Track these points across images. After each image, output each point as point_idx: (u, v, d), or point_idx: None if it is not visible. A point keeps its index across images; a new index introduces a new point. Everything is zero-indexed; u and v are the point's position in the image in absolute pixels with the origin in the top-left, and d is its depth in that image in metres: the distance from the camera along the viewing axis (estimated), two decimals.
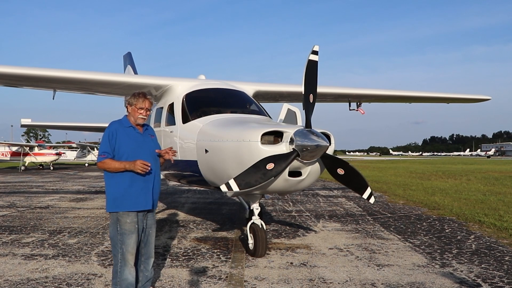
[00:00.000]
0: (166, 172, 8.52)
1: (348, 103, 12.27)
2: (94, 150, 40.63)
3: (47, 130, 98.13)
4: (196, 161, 6.73)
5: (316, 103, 5.86)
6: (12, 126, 71.28)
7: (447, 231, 8.02)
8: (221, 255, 6.15)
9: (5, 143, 34.87)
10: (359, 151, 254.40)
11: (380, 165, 45.56)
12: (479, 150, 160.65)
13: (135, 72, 17.42)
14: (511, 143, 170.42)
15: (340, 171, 5.82)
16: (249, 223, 6.30)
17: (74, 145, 43.98)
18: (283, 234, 7.74)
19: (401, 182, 19.68)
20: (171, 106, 8.19)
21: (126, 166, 3.94)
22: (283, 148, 5.49)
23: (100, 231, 7.84)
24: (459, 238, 7.38)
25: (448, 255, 6.16)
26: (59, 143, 65.50)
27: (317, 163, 5.72)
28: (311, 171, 5.74)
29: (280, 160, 5.36)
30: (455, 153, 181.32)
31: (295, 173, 5.68)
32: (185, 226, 8.49)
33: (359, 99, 12.18)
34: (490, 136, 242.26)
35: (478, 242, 7.05)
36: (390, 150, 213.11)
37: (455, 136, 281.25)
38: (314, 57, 5.82)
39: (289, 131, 5.51)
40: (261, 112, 7.89)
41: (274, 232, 7.91)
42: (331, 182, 19.51)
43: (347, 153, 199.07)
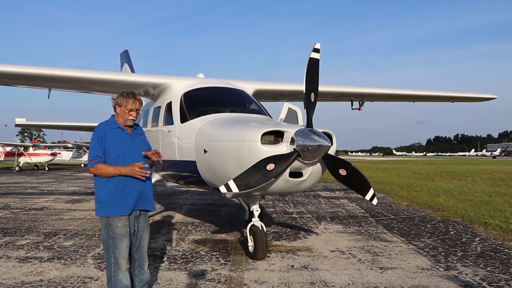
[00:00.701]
0: (164, 173, 8.52)
1: (350, 102, 12.27)
2: None
3: (42, 129, 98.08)
4: (194, 161, 6.73)
5: (317, 102, 5.87)
6: (6, 125, 71.32)
7: (451, 233, 8.02)
8: (220, 258, 6.14)
9: None
10: (362, 151, 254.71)
11: (383, 165, 45.57)
12: (484, 150, 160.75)
13: (132, 71, 17.41)
14: None
15: (342, 172, 5.82)
16: (249, 225, 6.30)
17: (70, 145, 43.95)
18: (283, 236, 7.74)
19: (404, 183, 19.68)
20: (169, 105, 8.19)
21: (122, 171, 3.87)
22: (283, 148, 5.48)
23: (96, 233, 7.84)
24: (464, 240, 7.38)
25: (452, 258, 6.16)
26: (54, 143, 65.56)
27: (318, 164, 5.72)
28: (312, 172, 5.74)
29: (280, 160, 5.36)
30: (460, 153, 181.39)
31: (296, 173, 5.68)
32: (183, 228, 8.49)
33: (362, 98, 12.18)
34: (495, 136, 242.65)
35: (483, 244, 7.05)
36: (393, 150, 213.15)
37: (460, 136, 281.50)
38: (315, 55, 5.82)
39: (290, 131, 5.51)
40: (261, 111, 7.89)
41: (275, 234, 7.91)
42: (333, 183, 19.51)
43: (349, 153, 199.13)
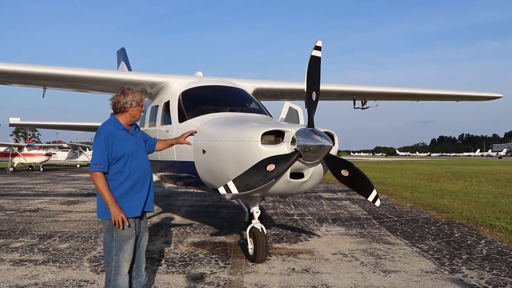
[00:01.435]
0: (162, 173, 8.52)
1: (352, 101, 12.26)
2: (86, 151, 40.66)
3: (37, 129, 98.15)
4: (193, 162, 6.73)
5: (319, 101, 5.87)
6: (0, 125, 71.28)
7: (456, 235, 8.02)
8: (219, 261, 6.15)
9: None
10: (364, 151, 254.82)
11: (386, 166, 45.57)
12: (490, 151, 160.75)
13: (129, 69, 17.43)
14: None
15: (344, 173, 5.82)
16: (248, 227, 6.31)
17: (65, 145, 43.98)
18: (284, 238, 7.74)
19: (408, 184, 19.69)
20: (167, 105, 8.20)
21: (111, 205, 3.79)
22: (284, 148, 5.49)
23: (93, 236, 7.84)
24: (469, 242, 7.38)
25: (457, 261, 6.16)
26: (50, 143, 65.62)
27: (320, 164, 5.72)
28: (313, 173, 5.73)
29: (281, 161, 5.36)
30: (465, 153, 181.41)
31: (297, 174, 5.68)
32: (181, 230, 8.49)
33: (364, 97, 12.18)
34: (501, 135, 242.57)
35: (489, 247, 7.05)
36: (397, 151, 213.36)
37: (465, 135, 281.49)
38: (317, 52, 5.82)
39: (290, 131, 5.51)
40: (261, 110, 7.90)
41: (275, 236, 7.91)
42: (335, 184, 19.52)
43: (351, 153, 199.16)
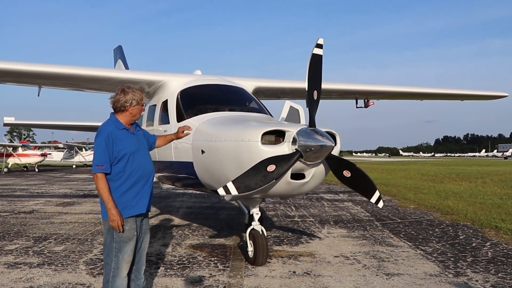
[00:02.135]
0: (160, 174, 8.52)
1: (355, 100, 12.27)
2: (82, 151, 40.65)
3: (32, 129, 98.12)
4: (191, 162, 6.74)
5: (320, 100, 5.87)
6: None
7: (461, 237, 8.02)
8: (218, 264, 6.15)
9: None
10: (367, 151, 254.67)
11: (389, 166, 45.58)
12: (495, 151, 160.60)
13: (126, 67, 17.45)
14: None
15: (347, 173, 5.82)
16: (248, 229, 6.30)
17: (61, 145, 44.00)
18: (285, 241, 7.74)
19: (411, 185, 19.69)
20: (165, 104, 8.20)
21: (109, 209, 3.82)
22: (285, 148, 5.49)
23: (89, 238, 7.85)
24: (474, 245, 7.38)
25: (462, 264, 6.16)
26: (45, 143, 65.57)
27: (321, 165, 5.72)
28: (315, 173, 5.74)
29: (282, 161, 5.36)
30: (470, 154, 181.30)
31: (298, 175, 5.68)
32: (180, 232, 8.49)
33: (367, 95, 12.18)
34: (507, 135, 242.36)
35: (494, 249, 7.05)
36: (400, 151, 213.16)
37: (469, 135, 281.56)
38: (318, 50, 5.82)
39: (291, 131, 5.51)
40: (261, 110, 7.90)
41: (276, 238, 7.92)
42: (337, 185, 19.51)
43: (353, 154, 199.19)
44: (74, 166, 40.38)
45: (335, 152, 5.81)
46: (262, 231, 6.19)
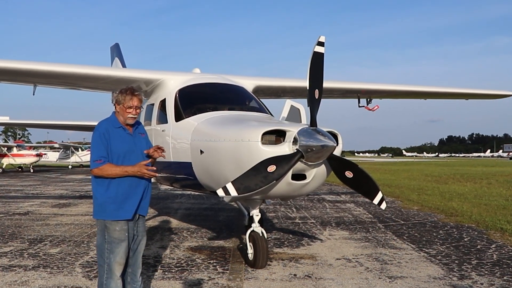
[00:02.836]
0: (157, 175, 8.52)
1: (357, 99, 12.25)
2: (78, 151, 40.66)
3: (27, 129, 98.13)
4: (190, 163, 6.74)
5: (322, 99, 5.87)
6: None
7: (465, 239, 8.03)
8: (217, 266, 6.15)
9: None
10: (369, 152, 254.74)
11: (392, 167, 45.58)
12: (501, 151, 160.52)
13: (124, 65, 17.44)
14: None
15: (349, 174, 5.82)
16: (248, 231, 6.31)
17: (57, 145, 44.00)
18: (285, 243, 7.75)
19: (415, 186, 19.70)
20: (163, 103, 8.20)
21: (129, 171, 3.92)
22: (285, 148, 5.49)
23: (85, 240, 7.85)
24: (479, 247, 7.38)
25: (467, 266, 6.16)
26: (40, 143, 65.58)
27: (323, 165, 5.72)
28: (316, 174, 5.74)
29: (282, 162, 5.36)
30: (475, 154, 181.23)
31: (299, 176, 5.68)
32: (178, 234, 8.50)
33: (369, 95, 12.18)
34: None
35: (500, 252, 7.06)
36: (403, 151, 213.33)
37: (474, 135, 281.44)
38: (320, 48, 5.82)
39: (292, 130, 5.51)
40: (261, 109, 7.90)
41: (276, 241, 7.92)
42: (339, 186, 19.52)
43: (356, 154, 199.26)
44: (70, 167, 40.37)
45: (337, 152, 5.81)
46: (262, 233, 6.19)
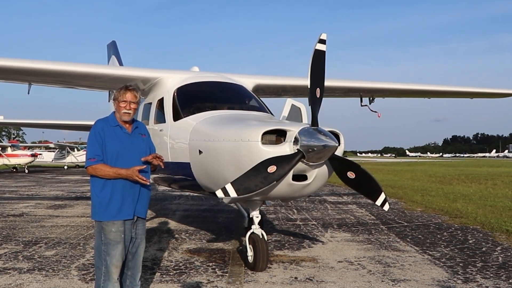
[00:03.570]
0: (155, 175, 8.52)
1: (359, 98, 12.25)
2: (74, 151, 40.66)
3: (22, 128, 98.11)
4: (188, 163, 6.74)
5: (323, 98, 5.87)
6: None
7: (470, 242, 8.03)
8: (216, 269, 6.15)
9: None
10: (372, 152, 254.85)
11: (395, 167, 45.60)
12: (506, 151, 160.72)
13: (121, 63, 17.43)
14: None
15: (351, 175, 5.82)
16: (248, 233, 6.31)
17: (52, 145, 43.99)
18: (286, 245, 7.75)
19: (419, 187, 19.71)
20: (161, 102, 8.20)
21: (122, 174, 3.94)
22: (286, 148, 5.49)
23: (81, 242, 7.85)
24: (484, 249, 7.39)
25: (471, 269, 6.16)
26: (35, 143, 65.55)
27: (324, 166, 5.72)
28: (318, 175, 5.73)
29: (283, 162, 5.36)
30: (480, 154, 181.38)
31: (300, 176, 5.68)
32: (176, 236, 8.50)
33: (372, 93, 12.18)
34: None
35: (505, 254, 7.06)
36: (407, 151, 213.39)
37: (479, 135, 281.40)
38: (321, 46, 5.82)
39: (293, 130, 5.51)
40: (261, 108, 7.90)
41: (277, 243, 7.92)
42: (341, 186, 19.53)
43: (358, 154, 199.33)
44: (66, 167, 40.41)
45: (339, 152, 5.81)
46: (262, 235, 6.19)
